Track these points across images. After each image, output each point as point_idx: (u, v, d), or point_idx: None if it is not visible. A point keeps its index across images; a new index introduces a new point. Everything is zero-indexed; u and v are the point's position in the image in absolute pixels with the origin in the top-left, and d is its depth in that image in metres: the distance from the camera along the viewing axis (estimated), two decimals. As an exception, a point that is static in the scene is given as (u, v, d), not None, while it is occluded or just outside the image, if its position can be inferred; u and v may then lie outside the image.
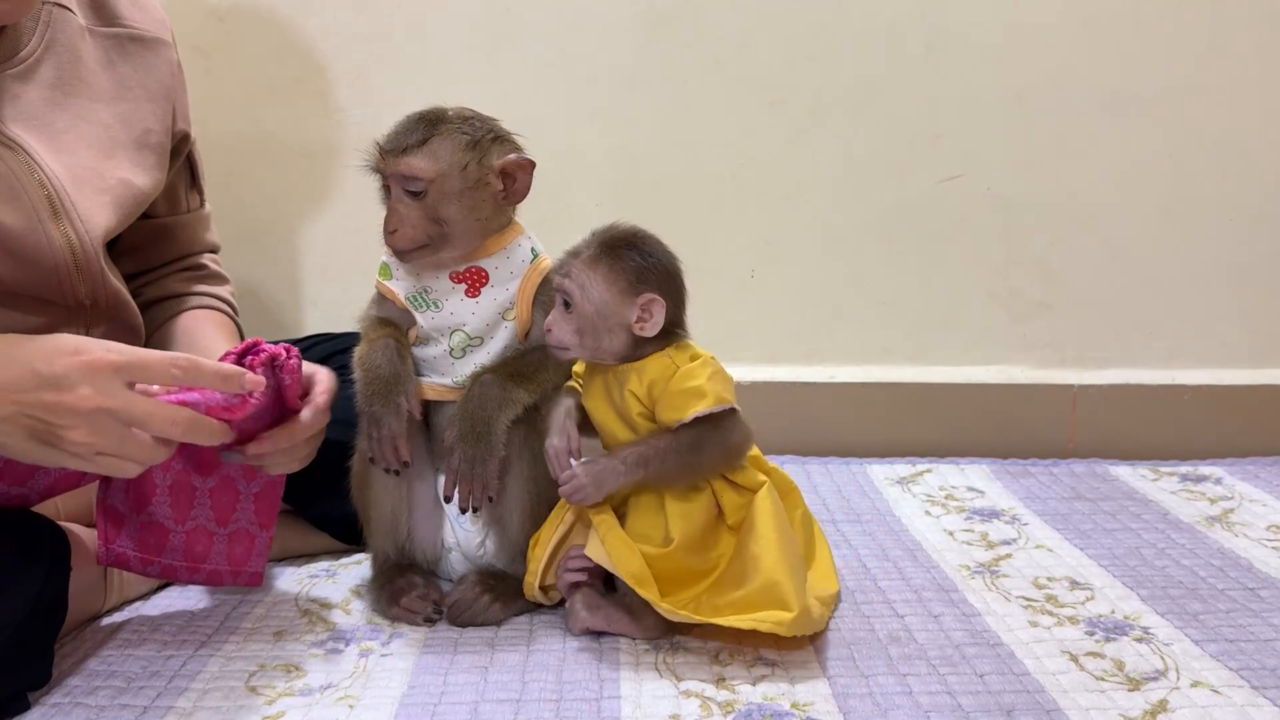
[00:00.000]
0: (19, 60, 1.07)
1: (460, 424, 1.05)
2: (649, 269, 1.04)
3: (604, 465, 1.04)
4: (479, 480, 1.04)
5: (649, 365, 1.05)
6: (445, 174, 1.03)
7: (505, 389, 1.06)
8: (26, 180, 1.03)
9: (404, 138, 1.04)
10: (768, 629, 0.98)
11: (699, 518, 1.05)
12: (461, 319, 1.09)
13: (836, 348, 1.75)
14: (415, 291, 1.10)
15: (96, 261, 1.09)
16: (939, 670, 0.99)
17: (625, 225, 1.07)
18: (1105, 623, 1.10)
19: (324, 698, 0.95)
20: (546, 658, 1.02)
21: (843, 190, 1.71)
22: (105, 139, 1.12)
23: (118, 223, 1.13)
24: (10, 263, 1.03)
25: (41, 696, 0.95)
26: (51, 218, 1.05)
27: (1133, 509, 1.45)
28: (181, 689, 0.96)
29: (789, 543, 1.04)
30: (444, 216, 1.04)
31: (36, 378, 0.85)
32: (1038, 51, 1.67)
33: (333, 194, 1.69)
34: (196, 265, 1.31)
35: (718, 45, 1.67)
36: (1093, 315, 1.75)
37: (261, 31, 1.65)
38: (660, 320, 1.04)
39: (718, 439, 1.04)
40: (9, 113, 1.04)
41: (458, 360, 1.10)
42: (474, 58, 1.66)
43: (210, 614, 1.12)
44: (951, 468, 1.62)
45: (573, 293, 1.03)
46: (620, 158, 1.70)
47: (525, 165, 1.06)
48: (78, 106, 1.11)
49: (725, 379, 1.06)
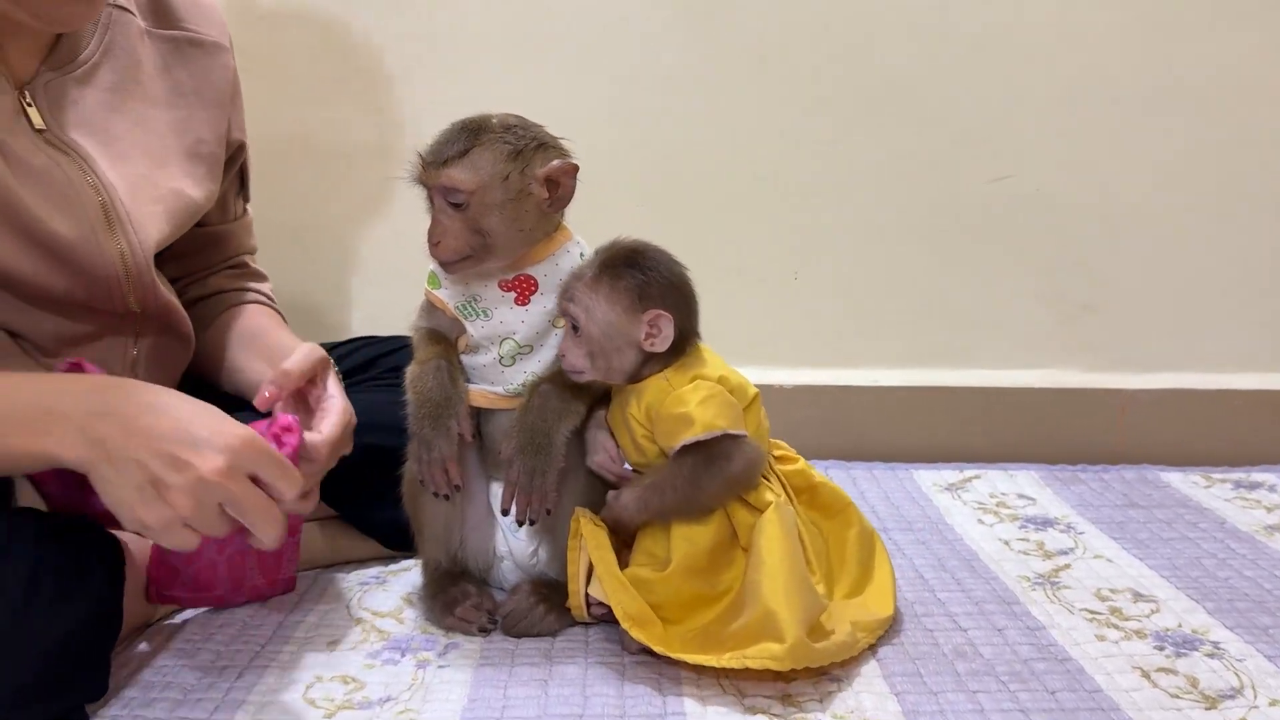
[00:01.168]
0: (79, 64, 1.05)
1: (520, 436, 1.03)
2: (650, 284, 1.01)
3: (615, 513, 1.05)
4: (538, 493, 1.03)
5: (647, 387, 1.03)
6: (486, 185, 1.01)
7: (564, 400, 1.04)
8: (82, 188, 1.02)
9: (445, 149, 1.02)
10: (759, 665, 0.92)
11: (704, 540, 1.02)
12: (511, 327, 1.08)
13: (880, 351, 1.73)
14: (464, 300, 1.08)
15: (148, 272, 1.08)
16: (1009, 687, 0.97)
17: (626, 241, 1.05)
18: (1174, 637, 1.07)
19: (384, 711, 0.94)
20: (606, 671, 1.00)
21: (886, 190, 1.69)
22: (159, 146, 1.11)
23: (170, 233, 1.11)
24: (62, 271, 1.02)
25: (99, 709, 0.94)
26: (105, 227, 1.03)
27: (1188, 517, 1.42)
28: (239, 701, 0.95)
29: (793, 567, 0.98)
30: (486, 228, 1.02)
31: (182, 434, 0.85)
32: (1087, 49, 1.64)
33: (375, 196, 1.68)
34: (240, 265, 1.31)
35: (759, 43, 1.65)
36: (1142, 318, 1.72)
37: (303, 32, 1.63)
38: (669, 334, 1.02)
39: (716, 470, 1.00)
40: (69, 118, 1.03)
41: (508, 368, 1.09)
42: (515, 58, 1.64)
43: (262, 623, 1.10)
44: (1000, 474, 1.59)
45: (578, 316, 1.02)
46: (660, 158, 1.68)
47: (568, 170, 1.04)
48: (134, 112, 1.09)
49: (721, 404, 1.00)
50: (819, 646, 0.95)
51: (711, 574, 1.03)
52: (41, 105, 1.02)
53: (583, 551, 1.05)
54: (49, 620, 0.88)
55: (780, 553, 0.98)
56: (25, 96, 1.01)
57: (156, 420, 0.85)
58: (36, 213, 0.98)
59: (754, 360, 1.68)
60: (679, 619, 1.02)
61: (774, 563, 0.98)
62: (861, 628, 1.03)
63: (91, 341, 1.08)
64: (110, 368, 1.07)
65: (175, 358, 1.20)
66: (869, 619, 1.05)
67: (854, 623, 1.02)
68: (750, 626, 0.96)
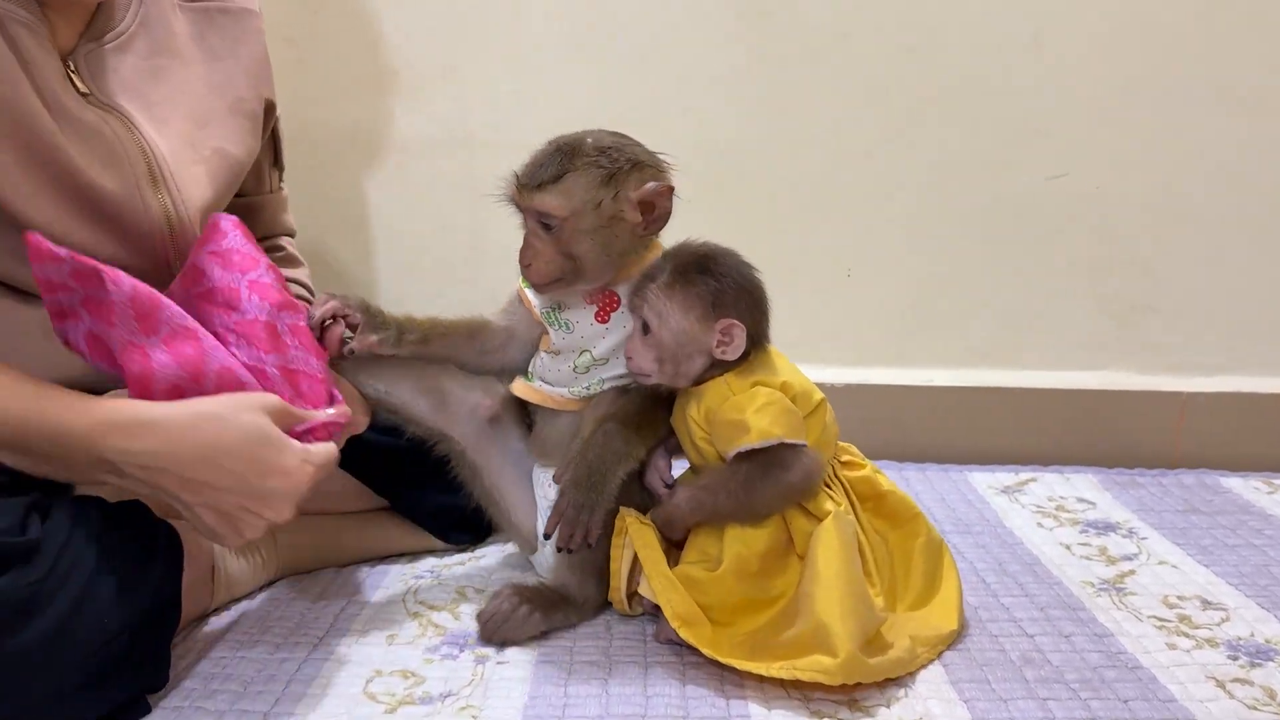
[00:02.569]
0: (116, 34, 1.08)
1: (576, 469, 1.02)
2: (724, 291, 1.00)
3: (669, 513, 1.03)
4: (581, 526, 1.02)
5: (707, 390, 1.02)
6: (579, 212, 1.00)
7: (628, 442, 1.03)
8: (129, 145, 1.04)
9: (539, 172, 1.01)
10: (809, 678, 0.90)
11: (759, 544, 1.01)
12: (591, 342, 1.07)
13: (933, 350, 1.70)
14: (549, 307, 1.08)
15: (192, 232, 1.08)
16: (1080, 695, 0.95)
17: (696, 244, 1.04)
18: (1247, 646, 1.05)
19: (445, 707, 0.93)
20: (666, 671, 0.99)
21: (941, 188, 1.66)
22: (200, 108, 1.13)
23: (215, 194, 1.13)
24: (106, 228, 1.03)
25: (160, 700, 0.93)
26: (150, 185, 1.05)
27: (1252, 524, 1.39)
28: (299, 694, 0.95)
29: (850, 580, 0.96)
30: (578, 253, 1.01)
31: (245, 487, 0.89)
32: (1146, 45, 1.61)
33: (423, 189, 1.67)
34: (276, 248, 1.31)
35: (814, 38, 1.62)
36: (1200, 319, 1.68)
37: (353, 22, 1.63)
38: (741, 344, 1.01)
39: (771, 479, 0.98)
40: (110, 85, 1.05)
41: (580, 375, 1.08)
42: (566, 51, 1.63)
43: (320, 615, 1.10)
44: (1056, 477, 1.56)
45: (651, 320, 1.01)
46: (712, 153, 1.65)
47: (664, 192, 1.02)
48: (173, 77, 1.11)
49: (779, 411, 0.99)
50: (873, 662, 0.93)
51: (764, 579, 1.01)
52: (84, 74, 1.04)
53: (627, 548, 1.04)
54: (111, 609, 0.88)
55: (837, 565, 0.96)
56: (69, 65, 1.04)
57: (214, 474, 0.87)
58: (80, 165, 0.99)
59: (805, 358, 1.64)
60: (728, 622, 1.01)
61: (830, 575, 0.95)
62: (922, 642, 1.00)
63: None
64: None
65: None
66: (931, 634, 1.02)
67: (914, 637, 0.99)
68: (802, 638, 0.94)
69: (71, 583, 0.86)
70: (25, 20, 0.97)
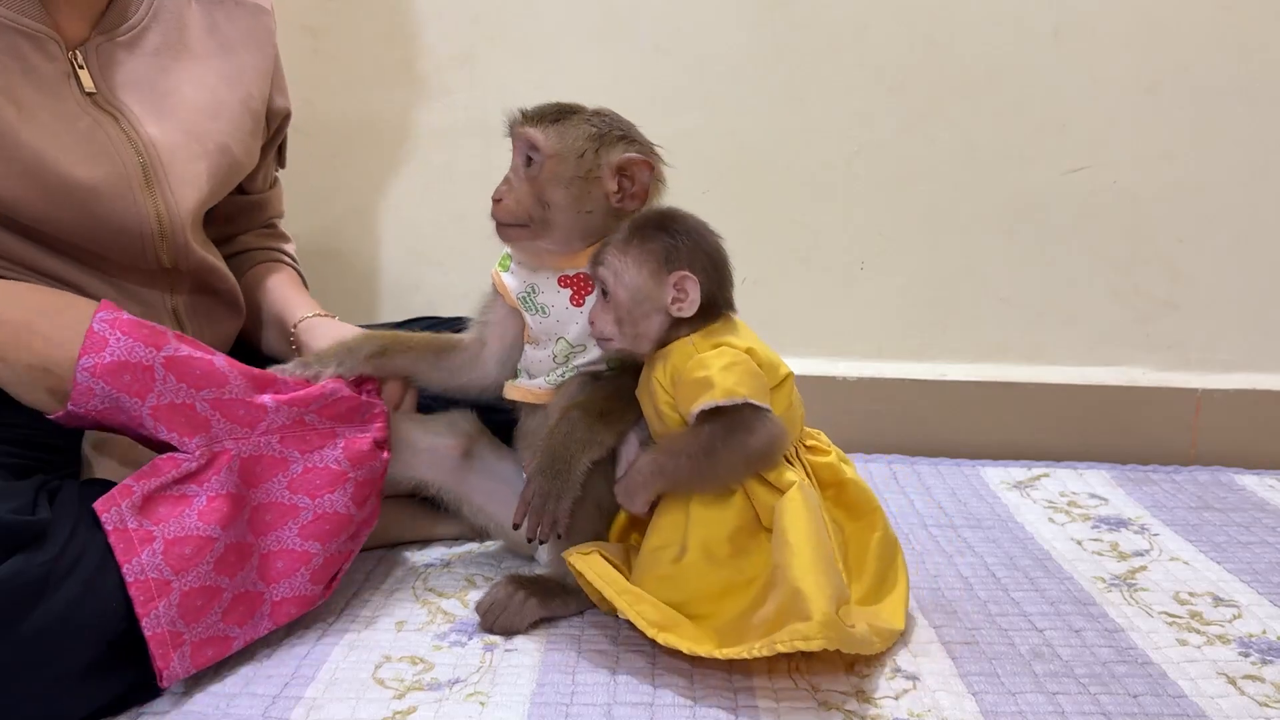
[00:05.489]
0: (128, 28, 1.09)
1: (542, 458, 1.02)
2: (678, 247, 1.00)
3: (630, 479, 1.01)
4: (549, 515, 1.02)
5: (672, 352, 1.00)
6: (561, 155, 1.03)
7: (591, 430, 1.03)
8: (123, 147, 1.05)
9: (541, 110, 1.06)
10: (788, 648, 0.87)
11: (726, 525, 0.98)
12: (565, 327, 1.07)
13: (949, 344, 1.69)
14: (525, 291, 1.09)
15: (183, 233, 1.11)
16: (1089, 689, 0.94)
17: (659, 208, 1.05)
18: (1258, 643, 1.04)
19: (454, 693, 0.93)
20: (675, 661, 0.99)
21: (960, 180, 1.65)
22: (211, 100, 1.14)
23: (211, 194, 1.14)
24: (98, 228, 1.05)
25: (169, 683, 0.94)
26: (144, 186, 1.07)
27: (1267, 521, 1.38)
28: (309, 678, 0.95)
29: (819, 545, 0.92)
30: (549, 199, 1.03)
31: None
32: (1170, 39, 1.59)
33: (439, 178, 1.67)
34: (269, 225, 1.36)
35: (834, 28, 1.62)
36: (1219, 316, 1.67)
37: (370, 12, 1.63)
38: (696, 298, 0.99)
39: (735, 442, 0.95)
40: (119, 79, 1.07)
41: (560, 363, 1.09)
42: (584, 40, 1.63)
43: (330, 601, 1.10)
44: (1069, 472, 1.56)
45: (607, 280, 1.01)
46: (729, 143, 1.65)
47: (642, 164, 1.03)
48: (184, 71, 1.13)
49: (744, 372, 0.96)
50: (854, 634, 0.91)
51: (737, 559, 0.98)
52: (93, 67, 1.05)
53: (587, 585, 1.02)
54: (121, 592, 0.88)
55: (805, 531, 0.92)
56: (77, 58, 1.05)
57: None
58: (52, 156, 1.00)
59: (818, 351, 1.67)
60: (710, 612, 0.98)
61: (799, 541, 0.92)
62: (876, 633, 0.97)
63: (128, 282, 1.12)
64: (156, 316, 1.12)
65: (221, 316, 1.23)
66: (884, 627, 0.99)
67: (870, 625, 0.96)
68: (781, 608, 0.90)
69: (82, 565, 0.87)
70: (21, 26, 1.00)
